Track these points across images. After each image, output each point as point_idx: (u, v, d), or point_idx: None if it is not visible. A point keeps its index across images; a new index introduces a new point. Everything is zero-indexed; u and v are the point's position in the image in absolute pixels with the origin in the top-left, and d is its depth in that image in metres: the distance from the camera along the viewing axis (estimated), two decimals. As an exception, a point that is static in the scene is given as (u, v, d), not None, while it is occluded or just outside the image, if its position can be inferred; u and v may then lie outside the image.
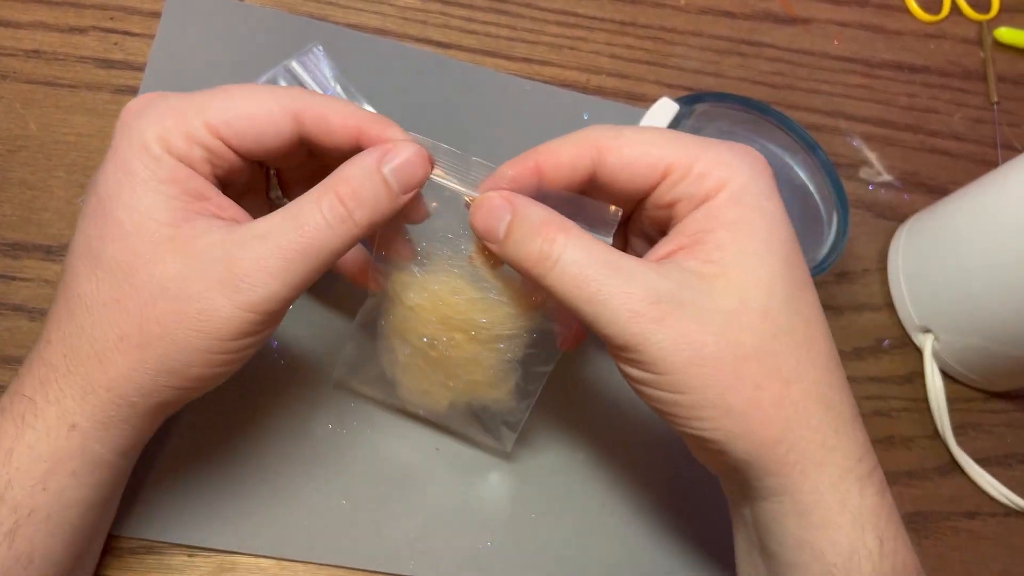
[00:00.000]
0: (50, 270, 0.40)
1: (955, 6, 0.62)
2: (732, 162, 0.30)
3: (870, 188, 0.55)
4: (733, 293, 0.28)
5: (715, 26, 0.57)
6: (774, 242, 0.29)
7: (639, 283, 0.28)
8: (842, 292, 0.52)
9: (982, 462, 0.49)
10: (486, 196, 0.31)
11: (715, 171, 0.29)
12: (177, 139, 0.28)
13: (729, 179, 0.29)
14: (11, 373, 0.38)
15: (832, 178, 0.46)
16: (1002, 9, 0.63)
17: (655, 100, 0.45)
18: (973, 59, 0.62)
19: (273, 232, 0.28)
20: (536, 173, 0.31)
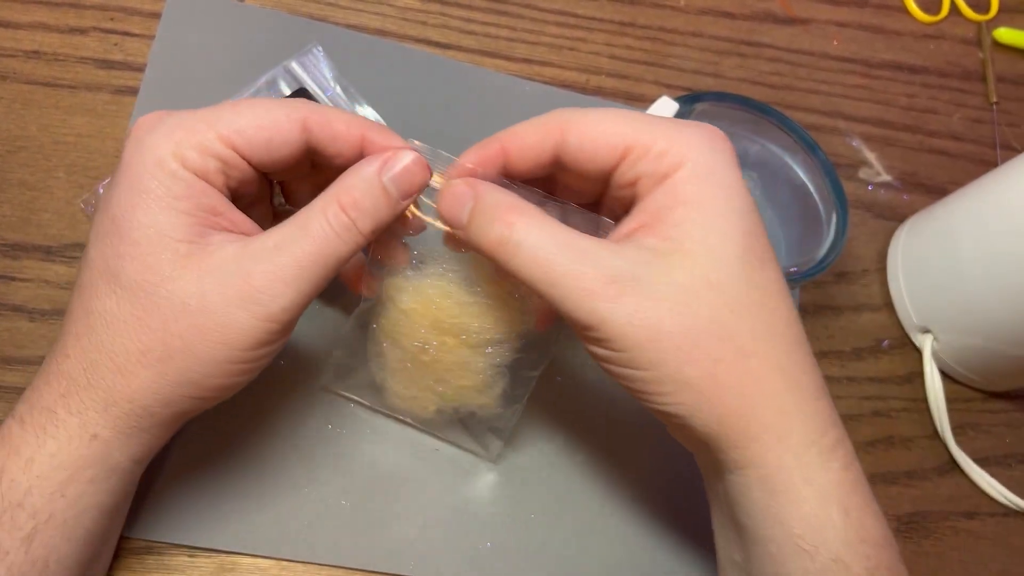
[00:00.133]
0: (50, 270, 0.40)
1: (954, 7, 0.63)
2: (691, 139, 0.30)
3: (869, 188, 0.55)
4: (689, 268, 0.28)
5: (714, 26, 0.57)
6: (732, 216, 0.29)
7: (597, 263, 0.28)
8: (841, 292, 0.52)
9: (981, 462, 0.49)
10: (450, 183, 0.31)
11: (674, 149, 0.30)
12: (192, 152, 0.29)
13: (688, 156, 0.29)
14: (11, 373, 0.38)
15: (832, 178, 0.46)
16: (1001, 9, 0.63)
17: (654, 100, 0.45)
18: (972, 59, 0.62)
19: (285, 244, 0.29)
20: (501, 156, 0.31)
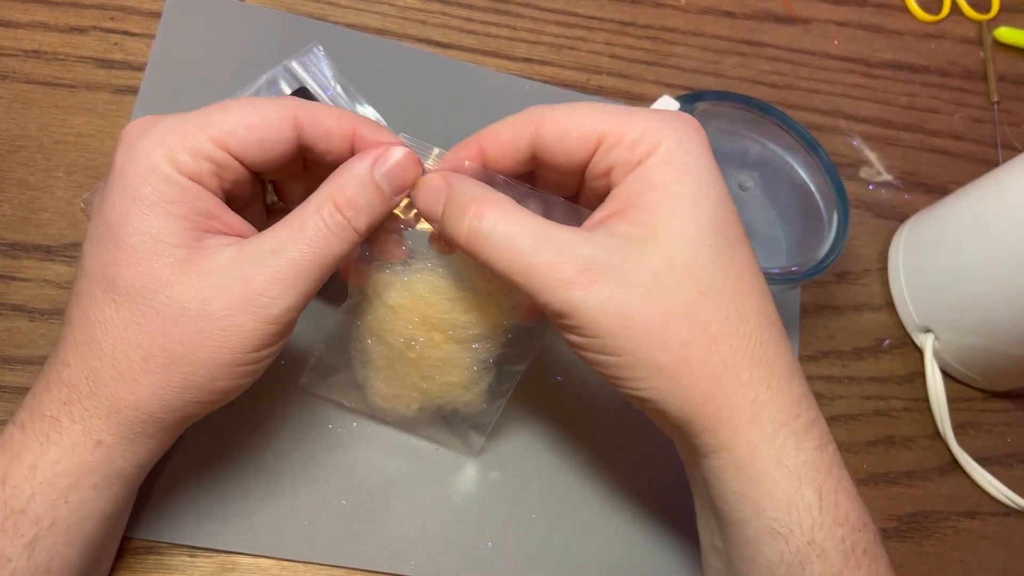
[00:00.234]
0: (49, 270, 0.40)
1: (955, 6, 0.62)
2: (663, 127, 0.30)
3: (870, 188, 0.55)
4: (660, 253, 0.29)
5: (715, 26, 0.57)
6: (703, 201, 0.29)
7: (568, 251, 0.28)
8: (842, 292, 0.52)
9: (983, 461, 0.49)
10: (427, 177, 0.31)
11: (646, 137, 0.30)
12: (185, 156, 0.29)
13: (660, 143, 0.30)
14: (11, 373, 0.38)
15: (833, 177, 0.45)
16: (1002, 9, 0.63)
17: (655, 100, 0.45)
18: (973, 59, 0.62)
19: (283, 246, 0.29)
20: (480, 155, 0.32)
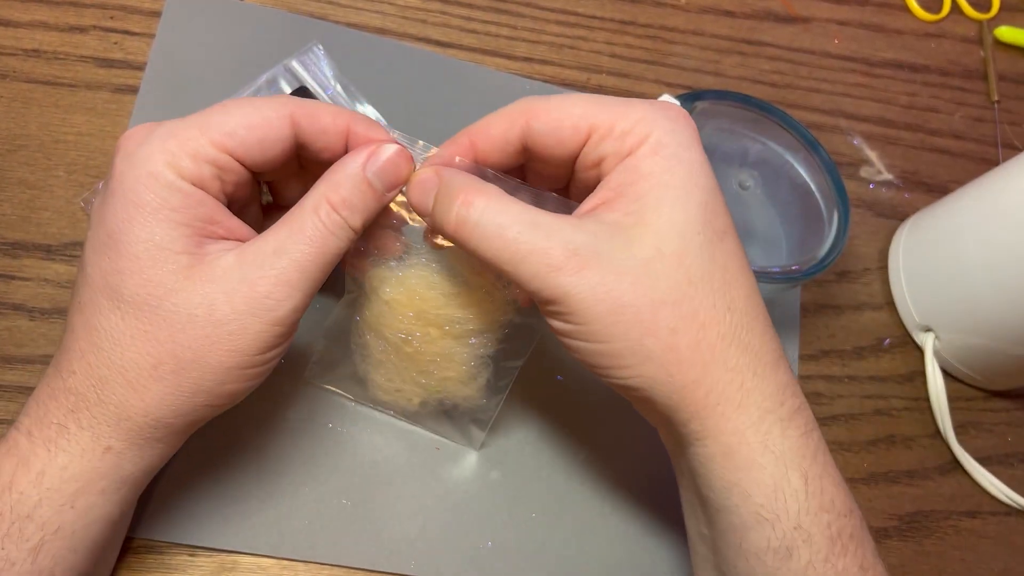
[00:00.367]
0: (50, 269, 0.40)
1: (955, 5, 0.62)
2: (653, 117, 0.30)
3: (871, 187, 0.55)
4: (649, 241, 0.29)
5: (715, 25, 0.57)
6: (692, 190, 0.30)
7: (557, 238, 0.28)
8: (843, 291, 0.52)
9: (983, 461, 0.49)
10: (418, 172, 0.32)
11: (636, 127, 0.30)
12: (186, 160, 0.29)
13: (649, 133, 0.30)
14: (11, 372, 0.38)
15: (833, 177, 0.45)
16: (1002, 8, 0.63)
17: (655, 99, 0.45)
18: (973, 58, 0.61)
19: (283, 248, 0.29)
20: (471, 149, 0.32)
